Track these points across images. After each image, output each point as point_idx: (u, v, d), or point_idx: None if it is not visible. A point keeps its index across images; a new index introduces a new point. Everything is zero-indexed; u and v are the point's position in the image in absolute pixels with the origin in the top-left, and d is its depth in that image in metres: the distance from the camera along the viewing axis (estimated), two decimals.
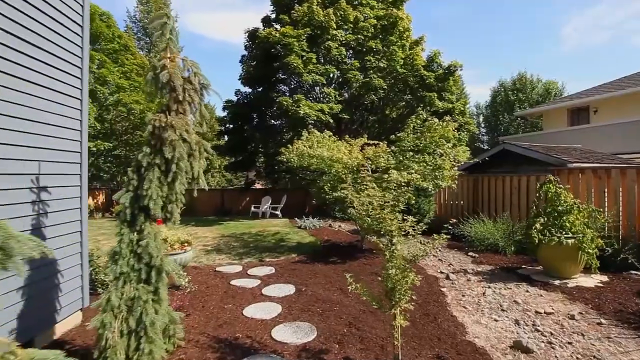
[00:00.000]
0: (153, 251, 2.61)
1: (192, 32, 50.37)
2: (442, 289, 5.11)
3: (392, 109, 17.35)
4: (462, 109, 15.53)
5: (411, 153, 7.45)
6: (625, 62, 46.95)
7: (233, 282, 5.31)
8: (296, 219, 12.69)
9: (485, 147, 34.15)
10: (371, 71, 13.92)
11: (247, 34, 16.39)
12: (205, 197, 19.37)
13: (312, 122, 11.90)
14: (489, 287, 5.17)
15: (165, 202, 2.71)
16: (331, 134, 7.81)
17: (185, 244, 6.13)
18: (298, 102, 11.67)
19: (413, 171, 6.69)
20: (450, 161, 6.91)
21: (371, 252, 7.50)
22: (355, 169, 7.30)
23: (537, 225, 5.38)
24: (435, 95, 14.54)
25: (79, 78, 3.61)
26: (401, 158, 7.06)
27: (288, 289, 4.88)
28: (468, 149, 15.79)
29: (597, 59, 50.68)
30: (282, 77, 15.67)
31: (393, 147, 7.77)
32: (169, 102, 2.70)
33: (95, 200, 20.15)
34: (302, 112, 11.35)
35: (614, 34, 47.67)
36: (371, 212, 2.64)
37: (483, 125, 36.82)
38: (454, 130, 7.09)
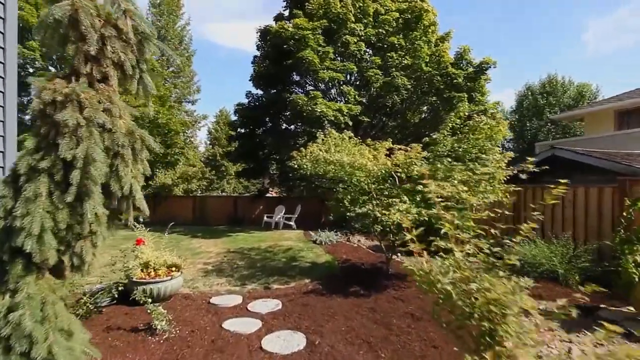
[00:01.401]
0: (36, 331, 1.40)
1: (209, 40, 50.58)
2: None
3: (414, 113, 16.03)
4: (494, 111, 14.03)
5: (449, 159, 6.12)
6: None
7: (227, 324, 4.08)
8: (311, 232, 11.44)
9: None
10: (394, 69, 12.63)
11: (259, 33, 15.39)
12: (218, 204, 18.45)
13: (329, 123, 10.67)
14: (571, 342, 3.78)
15: (68, 239, 1.51)
16: (352, 135, 6.56)
17: (173, 269, 4.98)
18: (314, 99, 10.46)
19: (456, 181, 5.37)
20: (503, 169, 5.55)
21: (400, 278, 6.17)
22: (381, 178, 6.03)
23: (637, 258, 3.96)
24: (466, 95, 13.12)
25: None
26: (439, 165, 5.74)
27: (297, 341, 3.60)
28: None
29: (620, 64, 47.71)
30: (296, 79, 14.60)
31: (425, 153, 6.48)
32: (75, 59, 1.52)
33: None
34: (318, 111, 10.13)
35: (638, 39, 44.68)
36: (458, 284, 1.28)
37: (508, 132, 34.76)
38: (505, 130, 5.75)
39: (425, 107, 16.13)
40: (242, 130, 15.60)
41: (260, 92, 15.29)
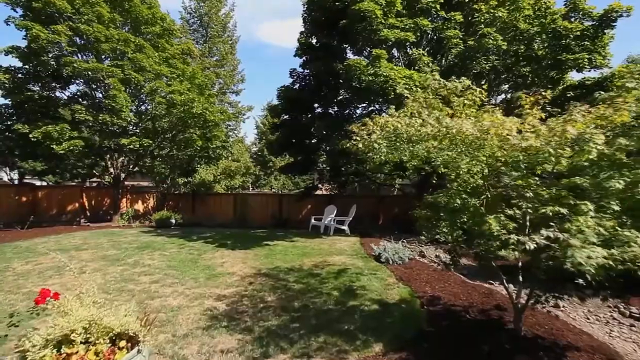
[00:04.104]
0: None
1: (260, 39, 50.67)
2: None
3: (492, 94, 12.59)
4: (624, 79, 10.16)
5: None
6: None
7: None
8: (371, 243, 8.73)
9: None
10: (482, 26, 9.40)
11: (305, 6, 12.92)
12: (262, 203, 16.45)
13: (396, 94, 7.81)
14: None
15: None
16: (470, 84, 3.70)
17: (122, 343, 2.59)
18: (376, 60, 7.66)
19: None
20: None
21: (551, 352, 3.29)
22: (521, 166, 3.15)
23: None
24: (586, 57, 9.51)
25: None
26: None
27: None
28: None
29: None
30: (350, 55, 11.89)
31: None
32: None
33: (144, 205, 18.40)
34: (383, 74, 7.33)
35: None
36: None
37: None
38: None
39: (506, 86, 12.71)
40: (286, 116, 13.29)
41: (306, 71, 12.82)
